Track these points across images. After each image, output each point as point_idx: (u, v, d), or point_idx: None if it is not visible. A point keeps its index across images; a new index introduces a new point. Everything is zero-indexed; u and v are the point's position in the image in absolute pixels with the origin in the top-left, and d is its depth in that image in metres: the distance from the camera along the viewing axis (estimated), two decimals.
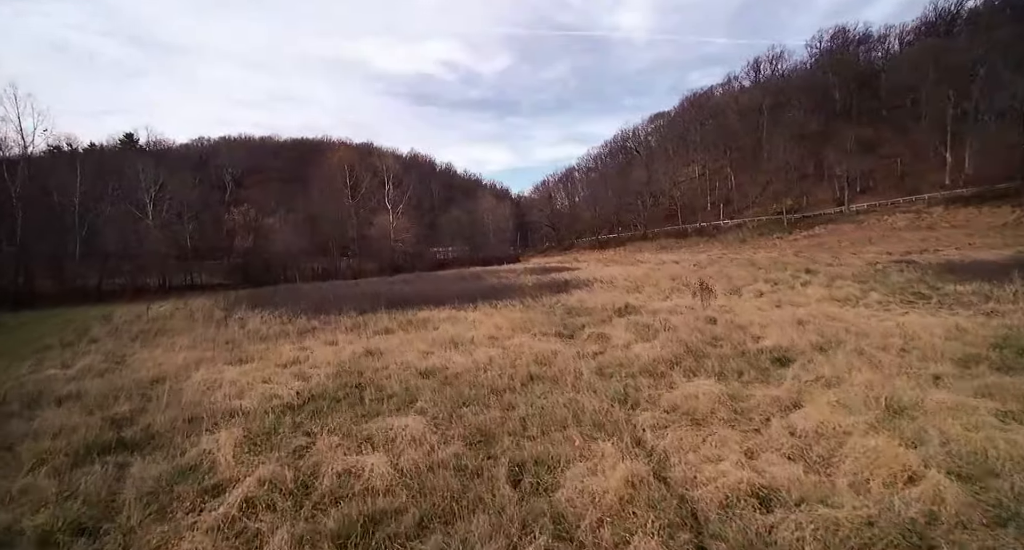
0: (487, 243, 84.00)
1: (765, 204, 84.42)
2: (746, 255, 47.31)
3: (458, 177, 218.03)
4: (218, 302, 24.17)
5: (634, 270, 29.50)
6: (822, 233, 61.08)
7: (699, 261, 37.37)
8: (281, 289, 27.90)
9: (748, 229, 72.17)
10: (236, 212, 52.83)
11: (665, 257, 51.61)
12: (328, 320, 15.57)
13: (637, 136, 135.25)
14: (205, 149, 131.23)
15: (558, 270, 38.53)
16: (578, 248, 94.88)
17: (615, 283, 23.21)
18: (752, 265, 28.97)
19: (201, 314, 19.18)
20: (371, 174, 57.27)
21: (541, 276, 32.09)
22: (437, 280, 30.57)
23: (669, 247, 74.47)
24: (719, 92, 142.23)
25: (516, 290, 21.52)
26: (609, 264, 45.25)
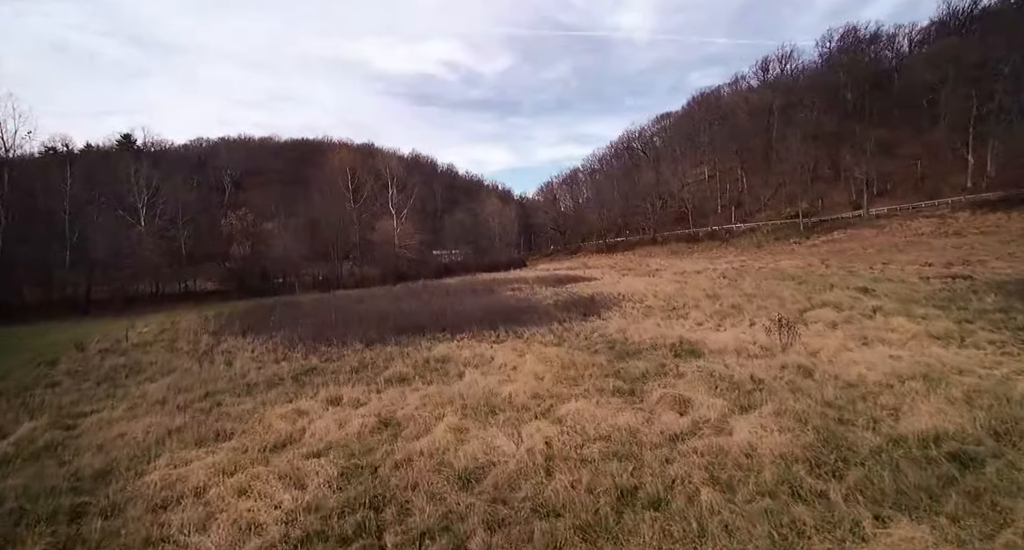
0: (491, 246, 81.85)
1: (778, 207, 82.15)
2: (767, 262, 45.11)
3: (460, 178, 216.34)
4: (207, 323, 22.00)
5: (661, 284, 27.29)
6: (842, 238, 58.81)
7: (724, 271, 35.16)
8: (279, 304, 25.73)
9: (763, 233, 69.92)
10: (233, 217, 50.69)
11: (682, 264, 49.35)
12: (330, 353, 13.42)
13: (643, 137, 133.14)
14: (204, 150, 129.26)
15: (573, 280, 36.34)
16: (584, 252, 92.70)
17: (646, 301, 21.01)
18: (789, 278, 26.73)
19: (186, 341, 17.01)
20: (373, 177, 55.12)
21: (557, 289, 29.91)
22: (446, 293, 28.39)
23: (680, 252, 72.27)
24: (726, 92, 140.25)
25: (539, 311, 19.35)
26: (625, 273, 43.08)
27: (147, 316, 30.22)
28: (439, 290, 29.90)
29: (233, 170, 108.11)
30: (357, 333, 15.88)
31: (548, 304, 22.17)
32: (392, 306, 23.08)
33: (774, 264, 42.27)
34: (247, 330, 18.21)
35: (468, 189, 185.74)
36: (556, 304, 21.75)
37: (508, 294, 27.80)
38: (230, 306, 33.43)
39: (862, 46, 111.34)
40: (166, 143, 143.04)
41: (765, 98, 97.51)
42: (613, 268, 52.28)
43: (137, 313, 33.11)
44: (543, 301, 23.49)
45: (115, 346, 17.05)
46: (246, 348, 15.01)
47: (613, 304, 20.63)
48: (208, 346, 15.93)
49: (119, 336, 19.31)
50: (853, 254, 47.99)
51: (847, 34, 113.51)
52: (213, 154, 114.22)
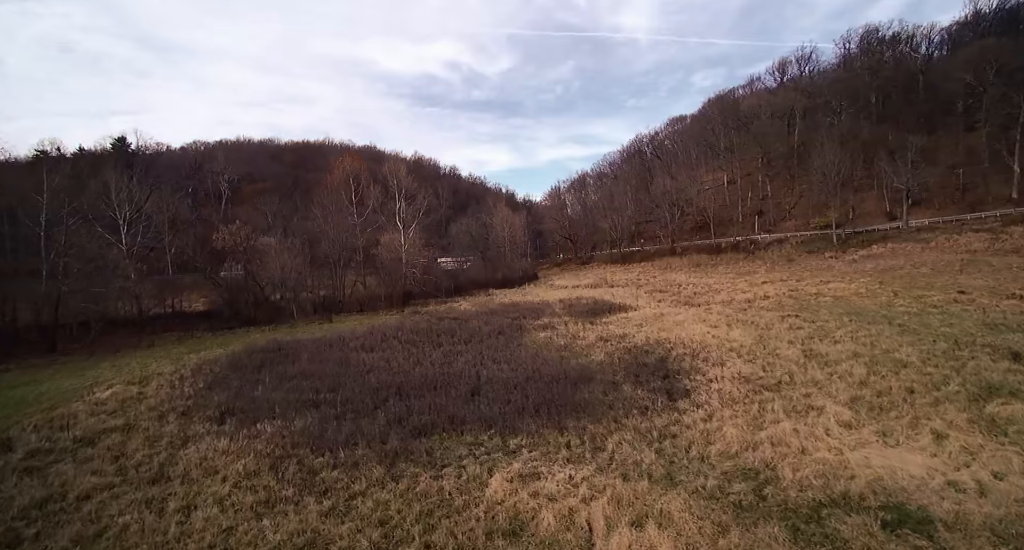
0: (500, 255, 77.60)
1: (804, 216, 77.87)
2: (812, 283, 40.83)
3: (464, 181, 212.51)
4: (182, 384, 17.78)
5: (721, 324, 22.92)
6: (883, 253, 54.56)
7: (779, 299, 30.85)
8: (271, 354, 21.46)
9: (792, 246, 65.66)
10: (226, 231, 46.45)
11: (713, 282, 44.86)
12: (336, 486, 9.24)
13: (655, 140, 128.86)
14: (201, 153, 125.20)
15: (607, 309, 32.11)
16: (597, 262, 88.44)
17: (727, 364, 16.78)
18: (869, 316, 22.42)
19: (144, 438, 12.77)
20: (380, 187, 50.94)
21: (598, 329, 25.68)
22: (468, 336, 24.09)
23: (703, 265, 68.00)
24: (740, 94, 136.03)
25: (600, 382, 15.15)
26: (658, 296, 38.81)
27: (120, 358, 26.05)
28: (458, 331, 25.61)
29: (230, 175, 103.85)
30: (371, 430, 11.72)
31: (602, 361, 17.97)
32: (408, 363, 18.83)
33: (824, 286, 38.00)
34: (226, 413, 14.00)
35: (472, 193, 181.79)
36: (614, 364, 17.55)
37: (543, 337, 23.54)
38: (218, 341, 29.26)
39: (884, 47, 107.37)
40: (162, 146, 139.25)
41: (787, 100, 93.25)
42: (640, 287, 48.00)
43: (111, 349, 28.97)
44: (593, 355, 19.28)
45: (53, 442, 12.83)
46: (219, 458, 10.81)
47: (691, 370, 16.38)
48: (170, 450, 11.72)
49: (70, 413, 15.17)
50: (905, 274, 43.72)
51: (868, 34, 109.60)
52: (210, 158, 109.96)
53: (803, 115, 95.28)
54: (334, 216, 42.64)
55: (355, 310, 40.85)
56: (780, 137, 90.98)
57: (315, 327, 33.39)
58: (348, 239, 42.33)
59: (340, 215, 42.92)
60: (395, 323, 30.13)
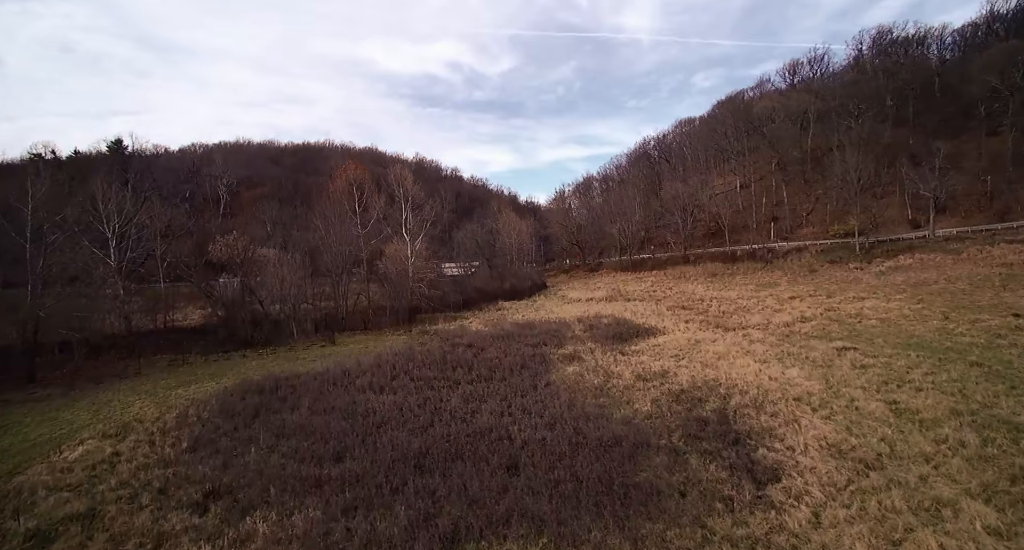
0: (507, 262, 75.01)
1: (821, 223, 75.37)
2: (844, 299, 38.35)
3: (466, 183, 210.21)
4: (164, 439, 15.30)
5: (771, 360, 20.37)
6: (911, 264, 52.02)
7: (821, 323, 28.31)
8: (267, 397, 18.91)
9: (811, 255, 63.09)
10: (223, 242, 43.99)
11: (736, 295, 42.08)
12: None
13: (663, 143, 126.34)
14: (200, 155, 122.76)
15: (632, 331, 29.63)
16: (606, 269, 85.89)
17: (803, 420, 14.31)
18: (926, 342, 19.90)
19: (106, 535, 10.28)
20: (385, 195, 48.48)
21: (625, 352, 23.21)
22: (488, 372, 21.55)
23: (719, 275, 65.45)
24: (749, 95, 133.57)
25: (660, 448, 12.67)
26: (684, 314, 36.29)
27: (103, 392, 23.56)
28: (475, 363, 23.09)
29: (229, 179, 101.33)
30: (389, 534, 9.27)
31: (650, 413, 15.50)
32: (425, 413, 16.33)
33: (861, 305, 35.50)
34: (211, 494, 11.51)
35: (476, 196, 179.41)
36: (665, 418, 15.09)
37: (572, 373, 21.05)
38: (211, 370, 26.77)
39: (898, 49, 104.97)
40: (160, 149, 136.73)
41: (801, 103, 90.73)
42: (659, 302, 45.45)
43: (95, 379, 26.47)
44: (636, 403, 16.80)
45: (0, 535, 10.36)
46: None
47: (763, 431, 13.89)
48: None
49: (29, 485, 12.72)
50: (941, 289, 41.20)
51: (880, 36, 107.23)
52: (208, 161, 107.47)
53: (817, 118, 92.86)
54: (336, 227, 40.11)
55: (359, 328, 38.37)
56: (794, 140, 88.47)
57: (316, 350, 30.90)
58: (351, 252, 39.79)
59: (343, 226, 40.37)
60: (403, 349, 27.63)
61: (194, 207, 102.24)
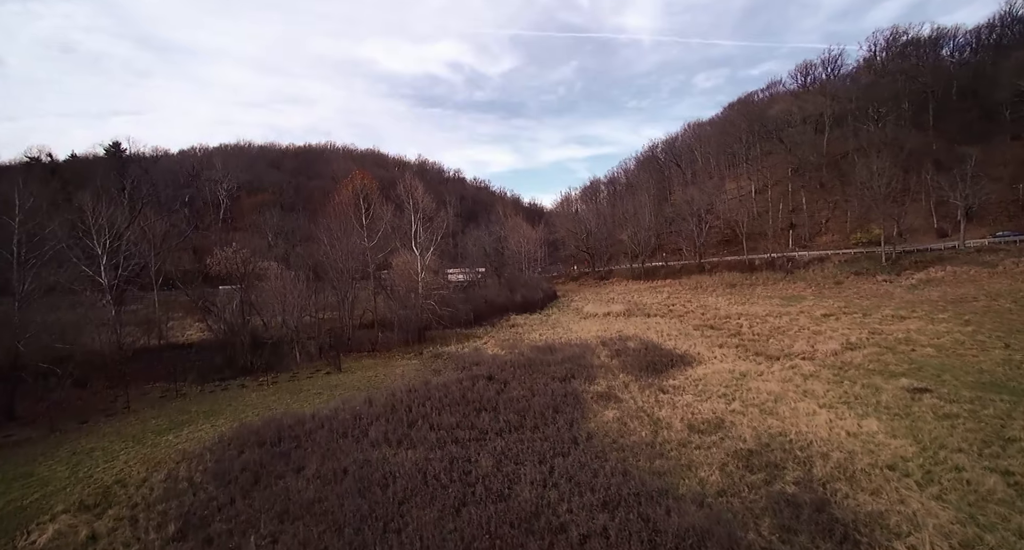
0: (517, 271, 72.59)
1: (841, 230, 72.92)
2: (883, 317, 35.97)
3: (469, 186, 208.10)
4: (149, 516, 12.91)
5: (836, 404, 17.90)
6: (943, 278, 49.55)
7: (880, 356, 25.84)
8: (268, 469, 16.47)
9: (836, 265, 60.59)
10: (222, 255, 41.77)
11: (763, 310, 39.50)
12: None
13: (672, 146, 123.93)
14: (200, 158, 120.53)
15: (664, 359, 27.22)
16: (617, 277, 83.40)
17: (930, 510, 11.92)
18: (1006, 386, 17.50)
19: None
20: (391, 203, 46.11)
21: (665, 389, 20.80)
22: (519, 421, 19.16)
23: (738, 285, 63.00)
24: (759, 97, 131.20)
25: None
26: (713, 337, 33.86)
27: (87, 435, 21.19)
28: (499, 404, 20.69)
29: (229, 183, 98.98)
30: None
31: (723, 489, 13.09)
32: (453, 483, 13.92)
33: (904, 325, 33.09)
34: None
35: (480, 199, 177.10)
36: (742, 495, 12.68)
37: (612, 419, 18.63)
38: (206, 407, 24.36)
39: (914, 50, 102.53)
40: (160, 151, 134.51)
41: (817, 106, 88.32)
42: (683, 319, 42.98)
43: (79, 414, 24.07)
44: (698, 469, 14.38)
45: None
46: None
47: (872, 522, 11.47)
48: None
49: None
50: (984, 308, 38.74)
51: (894, 37, 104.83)
52: (208, 165, 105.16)
53: (833, 121, 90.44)
54: (341, 240, 37.73)
55: (365, 349, 35.97)
56: (810, 144, 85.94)
57: (321, 379, 28.51)
58: (357, 268, 37.42)
59: (348, 239, 37.96)
60: (417, 381, 25.27)
61: (194, 212, 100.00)
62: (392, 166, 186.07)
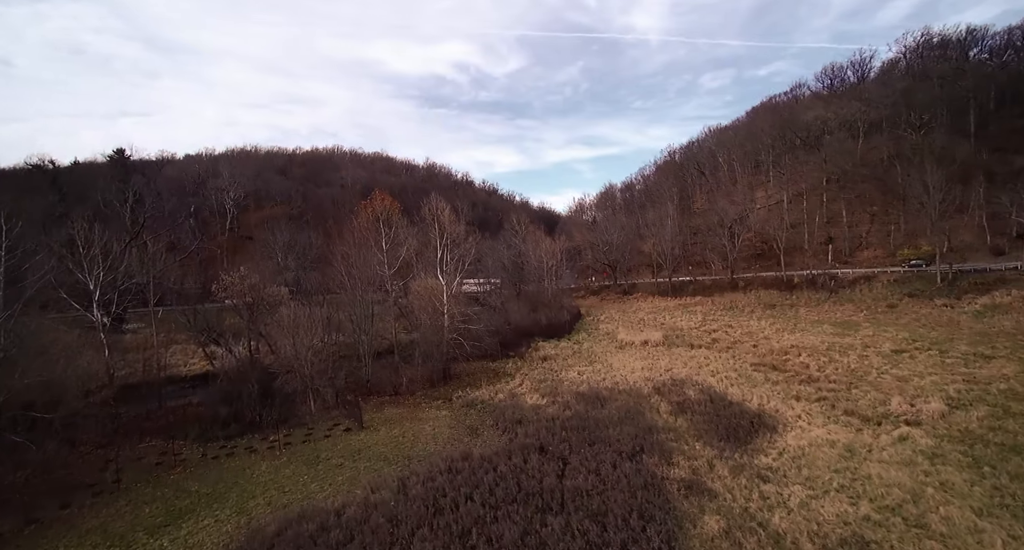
0: (539, 288, 68.60)
1: (883, 246, 68.54)
2: (955, 354, 31.81)
3: (479, 191, 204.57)
4: None
5: None
6: (1012, 304, 45.14)
7: (1005, 426, 21.77)
8: None
9: (884, 285, 56.29)
10: (229, 280, 38.22)
11: (819, 341, 35.02)
12: None
13: (691, 151, 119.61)
14: (206, 164, 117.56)
15: (740, 420, 23.28)
16: (642, 292, 79.30)
17: None
18: None
19: None
20: (410, 221, 42.43)
21: (765, 478, 16.89)
22: (601, 538, 15.36)
23: (777, 305, 58.82)
24: (780, 99, 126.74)
25: None
26: (785, 382, 29.85)
27: (69, 531, 17.48)
28: (562, 495, 16.85)
29: (236, 192, 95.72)
30: None
31: None
32: None
33: (998, 369, 28.99)
34: None
35: (490, 205, 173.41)
36: None
37: (715, 534, 14.73)
38: (208, 488, 20.58)
39: (938, 52, 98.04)
40: (167, 154, 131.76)
41: (851, 111, 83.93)
42: (731, 351, 38.88)
43: (58, 507, 20.24)
44: None
45: None
46: None
47: None
48: None
49: None
50: None
51: (926, 38, 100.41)
52: (215, 173, 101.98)
53: (868, 127, 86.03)
54: (360, 270, 34.03)
55: (387, 392, 32.22)
56: (846, 152, 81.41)
57: (341, 442, 24.72)
58: (377, 299, 33.69)
59: (367, 268, 34.24)
60: (455, 450, 21.49)
61: (199, 222, 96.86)
62: (401, 170, 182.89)
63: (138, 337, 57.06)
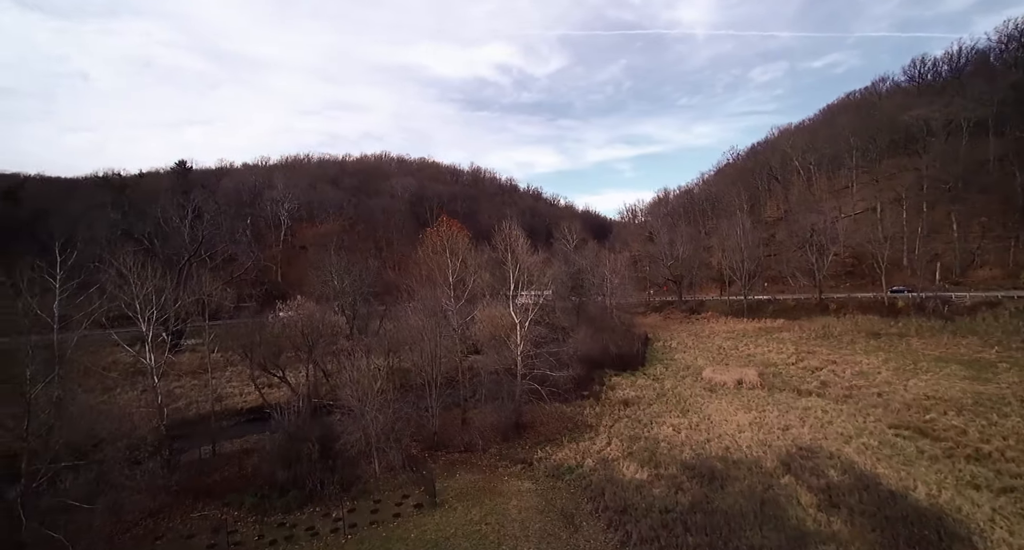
0: (599, 308, 63.78)
1: (1001, 264, 59.54)
2: None
3: (526, 196, 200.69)
4: None
5: None
6: None
7: None
8: None
9: (1015, 315, 48.07)
10: (283, 309, 35.78)
11: (991, 409, 28.48)
12: None
13: (759, 153, 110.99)
14: (262, 173, 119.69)
15: (925, 527, 17.94)
16: (712, 311, 72.88)
17: None
18: None
19: None
20: (469, 237, 38.78)
21: None
22: None
23: (883, 334, 51.42)
24: (857, 95, 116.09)
25: None
26: (950, 455, 24.02)
27: None
28: None
29: (290, 204, 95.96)
30: None
31: None
32: None
33: None
34: None
35: (537, 210, 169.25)
36: None
37: None
38: None
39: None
40: (225, 164, 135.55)
41: (954, 110, 74.30)
42: (854, 404, 32.81)
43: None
44: None
45: None
46: None
47: None
48: None
49: None
50: None
51: None
52: (270, 185, 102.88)
53: (972, 127, 75.99)
54: (428, 303, 30.62)
55: (457, 447, 28.56)
56: (950, 155, 71.96)
57: (413, 523, 21.09)
58: (445, 341, 30.11)
59: (436, 309, 30.77)
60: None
61: (255, 232, 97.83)
62: (447, 176, 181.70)
63: (195, 356, 56.49)
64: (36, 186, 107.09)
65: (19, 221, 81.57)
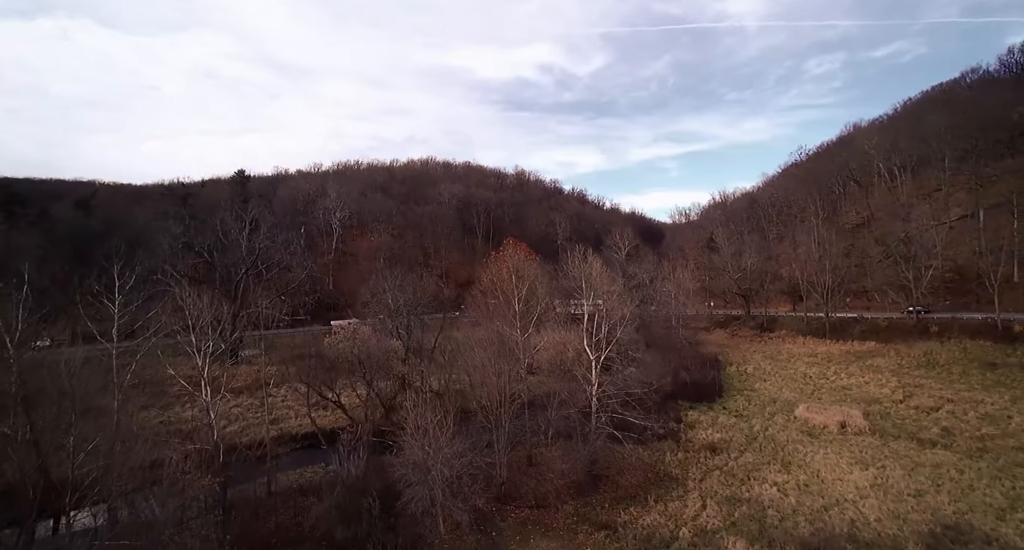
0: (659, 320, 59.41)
1: None
2: None
3: (571, 200, 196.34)
4: None
5: None
6: None
7: None
8: None
9: None
10: (337, 325, 33.92)
11: None
12: None
13: (831, 154, 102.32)
14: (316, 179, 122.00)
15: None
16: (786, 330, 66.71)
17: None
18: None
19: None
20: (537, 260, 35.82)
21: None
22: None
23: (1000, 365, 44.47)
24: (942, 88, 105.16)
25: None
26: None
27: None
28: None
29: (342, 212, 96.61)
30: None
31: None
32: None
33: None
34: None
35: (584, 215, 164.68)
36: None
37: None
38: None
39: None
40: (281, 170, 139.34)
41: None
42: (994, 462, 27.54)
43: None
44: None
45: None
46: None
47: None
48: None
49: None
50: None
51: None
52: (322, 192, 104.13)
53: None
54: (493, 336, 27.93)
55: (527, 502, 25.62)
56: None
57: None
58: (511, 381, 27.25)
59: (502, 345, 28.00)
60: None
61: (308, 241, 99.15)
62: (492, 180, 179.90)
63: (251, 370, 56.43)
64: (108, 193, 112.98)
65: (91, 231, 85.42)
